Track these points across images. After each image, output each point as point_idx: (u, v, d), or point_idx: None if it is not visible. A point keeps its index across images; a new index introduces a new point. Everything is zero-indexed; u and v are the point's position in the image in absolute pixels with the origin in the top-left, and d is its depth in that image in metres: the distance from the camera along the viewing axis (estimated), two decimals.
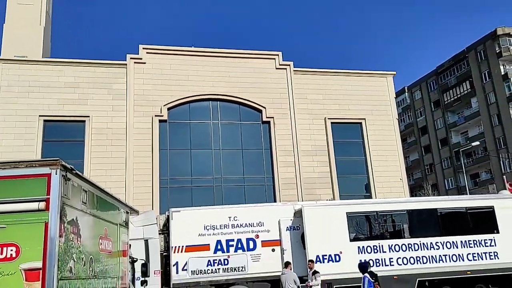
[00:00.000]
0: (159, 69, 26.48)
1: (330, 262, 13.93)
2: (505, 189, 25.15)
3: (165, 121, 25.98)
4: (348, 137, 28.35)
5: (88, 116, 24.64)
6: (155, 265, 13.53)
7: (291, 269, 12.65)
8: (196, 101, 26.86)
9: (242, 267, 14.29)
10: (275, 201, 25.28)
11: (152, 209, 21.75)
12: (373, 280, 10.32)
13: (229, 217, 14.75)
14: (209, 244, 14.36)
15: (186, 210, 15.02)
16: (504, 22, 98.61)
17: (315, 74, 28.93)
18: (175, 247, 14.12)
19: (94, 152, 24.21)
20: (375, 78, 29.89)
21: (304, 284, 13.16)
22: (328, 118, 27.99)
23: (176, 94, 26.29)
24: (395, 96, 31.04)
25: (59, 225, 5.77)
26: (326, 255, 14.04)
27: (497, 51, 48.77)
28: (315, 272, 12.86)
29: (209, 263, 14.19)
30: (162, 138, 25.78)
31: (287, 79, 28.26)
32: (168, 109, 26.14)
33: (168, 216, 14.69)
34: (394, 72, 30.31)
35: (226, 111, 27.31)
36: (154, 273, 13.37)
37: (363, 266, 10.71)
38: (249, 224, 14.74)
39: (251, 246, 14.56)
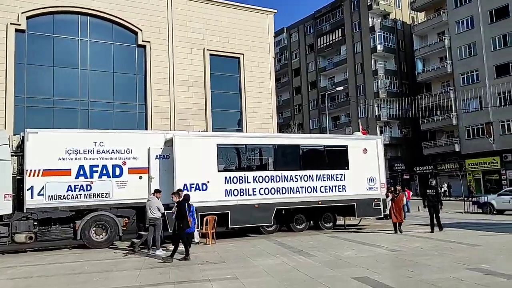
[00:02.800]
0: None
1: (197, 191, 14.27)
2: (359, 131, 28.14)
3: (23, 31, 22.95)
4: (225, 71, 28.43)
5: None
6: (6, 188, 12.47)
7: (158, 197, 12.62)
8: (62, 13, 24.10)
9: (106, 193, 13.86)
10: (146, 129, 24.67)
11: (5, 128, 19.63)
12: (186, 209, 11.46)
13: (95, 142, 13.97)
14: (70, 169, 13.54)
15: (44, 132, 13.82)
16: None
17: (196, 1, 27.79)
18: (31, 170, 13.03)
19: None
20: (256, 13, 29.90)
21: (171, 211, 13.34)
22: (207, 50, 27.55)
23: (37, 1, 23.12)
24: (274, 35, 31.64)
25: None
26: (193, 184, 14.32)
27: (368, 3, 52.11)
28: None
29: (70, 189, 13.46)
30: (19, 51, 22.89)
31: (167, 2, 26.74)
32: (27, 18, 23.03)
33: (23, 137, 13.33)
34: (275, 10, 30.66)
35: (97, 29, 25.05)
36: (5, 197, 12.37)
37: (185, 198, 11.95)
38: (116, 150, 14.19)
39: (117, 172, 14.12)
